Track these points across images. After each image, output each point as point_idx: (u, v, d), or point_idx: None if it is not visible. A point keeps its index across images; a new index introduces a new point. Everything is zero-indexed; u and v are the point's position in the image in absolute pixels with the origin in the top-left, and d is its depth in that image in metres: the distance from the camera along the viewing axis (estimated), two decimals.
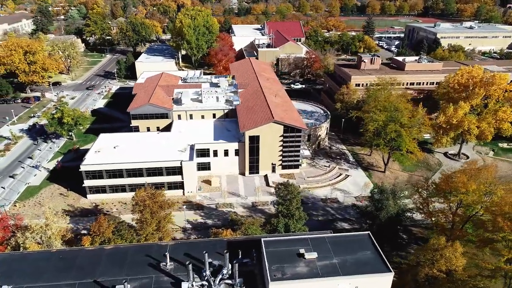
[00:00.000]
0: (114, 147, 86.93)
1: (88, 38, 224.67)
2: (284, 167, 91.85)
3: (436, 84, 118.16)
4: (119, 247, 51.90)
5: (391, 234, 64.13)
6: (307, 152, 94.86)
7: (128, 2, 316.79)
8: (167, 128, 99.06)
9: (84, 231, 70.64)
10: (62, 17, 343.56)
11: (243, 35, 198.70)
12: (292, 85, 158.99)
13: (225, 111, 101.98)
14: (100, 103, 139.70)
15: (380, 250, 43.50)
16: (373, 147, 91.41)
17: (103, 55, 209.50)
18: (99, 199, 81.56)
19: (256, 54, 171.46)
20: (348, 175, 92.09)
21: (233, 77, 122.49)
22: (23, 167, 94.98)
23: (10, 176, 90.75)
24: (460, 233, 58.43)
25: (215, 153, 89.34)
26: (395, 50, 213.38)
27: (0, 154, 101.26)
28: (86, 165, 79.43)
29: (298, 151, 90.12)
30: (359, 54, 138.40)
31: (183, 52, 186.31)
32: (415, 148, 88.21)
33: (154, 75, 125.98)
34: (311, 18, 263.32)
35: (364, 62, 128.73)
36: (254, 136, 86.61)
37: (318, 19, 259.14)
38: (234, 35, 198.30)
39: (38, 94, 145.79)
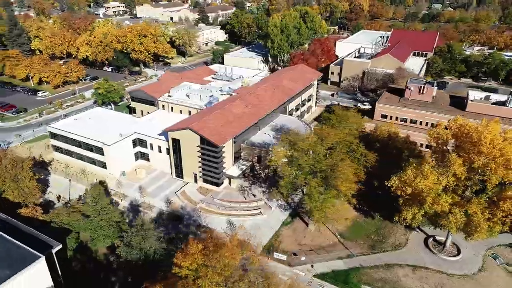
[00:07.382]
0: (89, 119, 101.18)
1: (234, 30, 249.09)
2: (205, 181, 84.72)
3: None
4: None
5: None
6: (233, 172, 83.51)
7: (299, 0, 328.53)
8: None
9: None
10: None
11: (350, 41, 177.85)
12: (360, 105, 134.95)
13: (198, 110, 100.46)
14: None
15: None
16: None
17: (234, 46, 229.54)
18: (57, 157, 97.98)
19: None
20: (261, 213, 76.69)
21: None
22: (61, 119, 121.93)
23: (48, 125, 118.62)
24: None
25: (151, 147, 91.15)
26: None
27: (64, 107, 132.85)
28: (50, 127, 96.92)
29: (216, 168, 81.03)
30: (408, 81, 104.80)
31: None
32: (333, 207, 64.88)
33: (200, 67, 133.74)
34: (477, 30, 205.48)
35: (410, 90, 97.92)
36: (176, 139, 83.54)
37: (486, 32, 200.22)
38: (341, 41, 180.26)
39: (137, 69, 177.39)
